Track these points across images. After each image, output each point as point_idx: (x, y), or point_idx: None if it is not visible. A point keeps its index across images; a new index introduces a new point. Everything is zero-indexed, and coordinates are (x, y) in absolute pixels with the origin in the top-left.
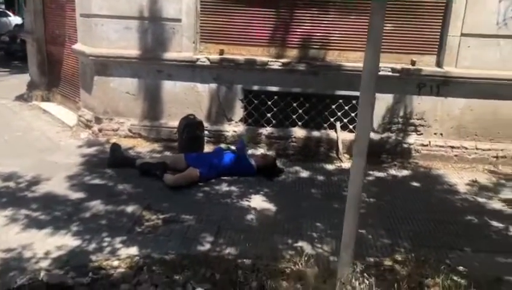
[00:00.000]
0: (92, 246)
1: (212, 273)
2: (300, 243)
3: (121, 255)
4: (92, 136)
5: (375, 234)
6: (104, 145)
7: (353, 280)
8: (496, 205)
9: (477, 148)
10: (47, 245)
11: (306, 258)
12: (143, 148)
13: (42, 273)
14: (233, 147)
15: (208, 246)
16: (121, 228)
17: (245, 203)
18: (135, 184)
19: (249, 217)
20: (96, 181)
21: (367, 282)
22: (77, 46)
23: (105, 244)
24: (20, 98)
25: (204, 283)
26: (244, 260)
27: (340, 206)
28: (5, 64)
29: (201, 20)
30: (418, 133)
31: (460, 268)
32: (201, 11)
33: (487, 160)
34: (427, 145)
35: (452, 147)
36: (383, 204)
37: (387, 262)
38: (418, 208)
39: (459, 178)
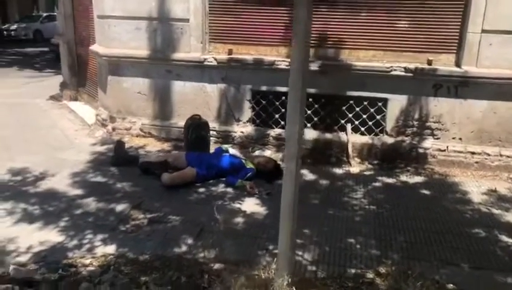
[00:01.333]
0: (73, 242)
1: (178, 277)
2: None
3: (96, 253)
4: (106, 135)
5: (364, 243)
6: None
7: None
8: None
9: (501, 155)
10: (31, 240)
11: (275, 266)
12: (153, 147)
13: (11, 268)
14: (232, 151)
15: (184, 248)
16: (105, 226)
17: (236, 205)
18: (134, 183)
19: (236, 220)
20: (98, 179)
21: None
22: (94, 47)
23: (85, 241)
24: (53, 97)
25: (168, 286)
26: (212, 265)
27: (335, 213)
28: (53, 66)
29: (209, 20)
30: (435, 137)
31: (450, 286)
32: (209, 11)
33: None
34: (444, 151)
35: (472, 153)
36: (383, 212)
37: (369, 275)
38: (419, 217)
39: (476, 187)
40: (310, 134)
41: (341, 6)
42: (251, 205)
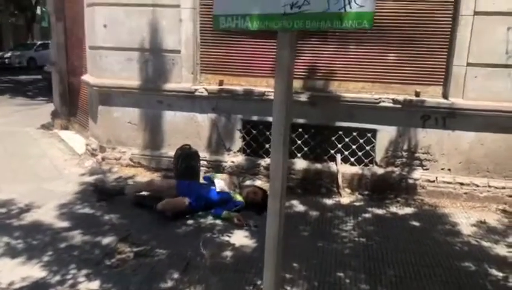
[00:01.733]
0: (56, 278)
1: None
2: None
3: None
4: (96, 165)
5: (353, 278)
6: (105, 174)
7: None
8: (501, 250)
9: (489, 186)
10: (14, 275)
11: None
12: (142, 177)
13: None
14: (218, 182)
15: (170, 284)
16: (90, 260)
17: (225, 238)
18: (122, 215)
19: (225, 253)
20: (85, 210)
21: None
22: (85, 77)
23: (69, 277)
24: (44, 126)
25: None
26: None
27: (324, 245)
28: (45, 94)
29: (201, 51)
30: (424, 168)
31: None
32: (201, 42)
33: (501, 199)
34: (433, 181)
35: (461, 184)
36: (373, 244)
37: None
38: (410, 250)
39: (465, 218)
40: (300, 164)
41: (331, 39)
42: (240, 238)
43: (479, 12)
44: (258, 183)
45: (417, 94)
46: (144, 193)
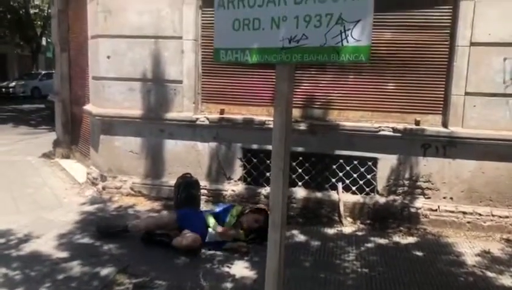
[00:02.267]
0: None
1: None
2: None
3: None
4: (96, 194)
5: None
6: (106, 203)
7: None
8: (506, 281)
9: (493, 215)
10: None
11: None
12: (143, 206)
13: None
14: (217, 210)
15: None
16: None
17: (225, 269)
18: (122, 245)
19: (225, 285)
20: (85, 240)
21: None
22: (87, 107)
23: None
24: (45, 155)
25: None
26: None
27: (326, 276)
28: (48, 122)
29: (202, 81)
30: (426, 196)
31: None
32: (202, 73)
33: (505, 228)
34: (436, 210)
35: (464, 213)
36: (376, 275)
37: None
38: (413, 282)
39: (470, 248)
40: (301, 193)
41: (329, 69)
42: (240, 269)
43: (475, 43)
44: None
45: (417, 123)
46: (148, 228)
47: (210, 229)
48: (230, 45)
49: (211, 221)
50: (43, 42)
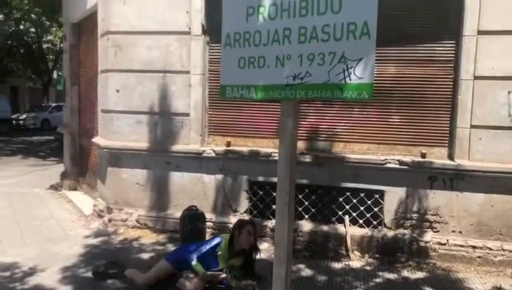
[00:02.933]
0: None
1: None
2: None
3: None
4: (102, 226)
5: None
6: (111, 235)
7: None
8: None
9: (503, 250)
10: None
11: None
12: (148, 239)
13: None
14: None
15: None
16: None
17: None
18: (124, 279)
19: None
20: (89, 274)
21: None
22: (96, 139)
23: None
24: (52, 186)
25: None
26: None
27: None
28: (57, 154)
29: (209, 114)
30: (434, 230)
31: None
32: (209, 106)
33: None
34: (445, 244)
35: (474, 247)
36: None
37: None
38: None
39: (481, 284)
40: (307, 226)
41: (335, 102)
42: None
43: (478, 76)
44: (265, 246)
45: (423, 155)
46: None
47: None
48: (236, 81)
49: (200, 271)
50: (54, 75)
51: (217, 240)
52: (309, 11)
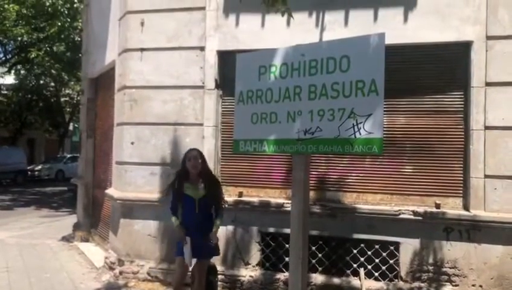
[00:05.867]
0: None
1: None
2: None
3: None
4: (113, 279)
5: None
6: (121, 288)
7: None
8: None
9: None
10: None
11: None
12: None
13: None
14: None
15: None
16: None
17: None
18: None
19: None
20: None
21: None
22: (109, 191)
23: None
24: (64, 238)
25: None
26: None
27: None
28: (70, 205)
29: (221, 164)
30: (453, 283)
31: None
32: (221, 157)
33: None
34: None
35: None
36: None
37: None
38: None
39: None
40: (321, 279)
41: (346, 153)
42: None
43: (489, 126)
44: None
45: (437, 206)
46: None
47: None
48: (249, 136)
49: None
50: (71, 127)
51: None
52: (318, 70)
